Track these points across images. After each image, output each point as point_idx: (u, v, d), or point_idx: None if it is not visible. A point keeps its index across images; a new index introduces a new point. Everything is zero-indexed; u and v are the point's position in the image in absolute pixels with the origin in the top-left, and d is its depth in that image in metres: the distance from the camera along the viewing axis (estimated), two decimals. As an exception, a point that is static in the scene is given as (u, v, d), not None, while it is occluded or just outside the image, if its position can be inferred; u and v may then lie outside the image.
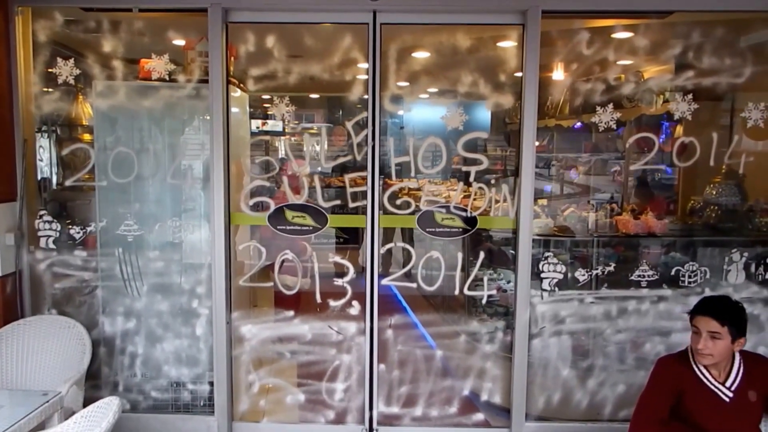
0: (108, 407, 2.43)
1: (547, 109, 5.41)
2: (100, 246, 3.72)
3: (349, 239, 4.49)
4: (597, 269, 3.77)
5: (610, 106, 3.73)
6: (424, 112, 3.89)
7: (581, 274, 3.75)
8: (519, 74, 3.62)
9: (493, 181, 3.73)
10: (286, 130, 3.86)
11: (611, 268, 3.76)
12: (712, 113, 4.05)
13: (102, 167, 3.67)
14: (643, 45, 3.77)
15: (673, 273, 3.74)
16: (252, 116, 4.22)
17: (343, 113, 4.06)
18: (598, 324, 3.82)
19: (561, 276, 3.72)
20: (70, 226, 3.71)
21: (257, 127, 4.32)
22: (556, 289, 3.74)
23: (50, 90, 3.69)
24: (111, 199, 3.70)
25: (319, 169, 3.94)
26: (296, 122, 4.60)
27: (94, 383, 3.74)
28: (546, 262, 3.72)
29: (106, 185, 3.68)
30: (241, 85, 3.93)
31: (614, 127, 3.76)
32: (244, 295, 4.09)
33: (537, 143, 6.32)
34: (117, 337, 3.77)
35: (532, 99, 3.58)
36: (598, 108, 3.70)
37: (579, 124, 5.42)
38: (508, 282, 5.19)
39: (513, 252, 4.88)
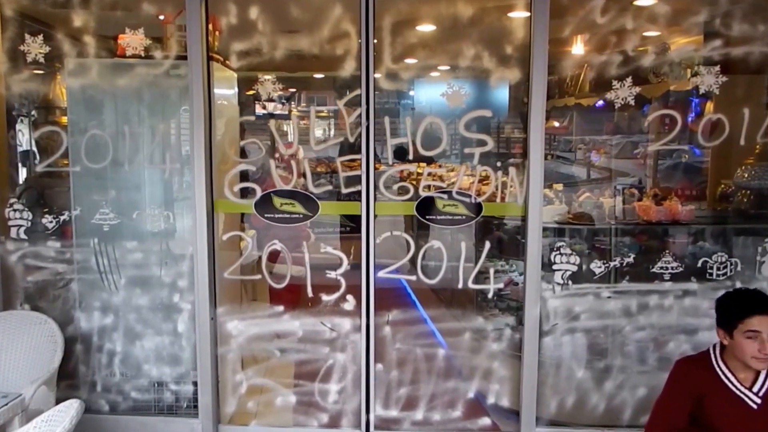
0: (67, 410, 2.34)
1: (566, 86, 5.27)
2: (74, 236, 3.63)
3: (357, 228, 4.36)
4: (615, 261, 3.59)
5: (629, 80, 3.52)
6: (422, 89, 3.73)
7: (598, 266, 3.57)
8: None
9: (499, 164, 3.55)
10: (275, 111, 3.72)
11: (631, 260, 3.57)
12: (747, 87, 3.82)
13: (76, 152, 3.56)
14: (668, 12, 3.56)
15: (700, 265, 3.55)
16: (240, 97, 4.09)
17: (335, 92, 3.92)
18: (616, 321, 3.63)
19: (575, 268, 3.55)
20: (43, 215, 3.62)
21: (246, 109, 4.17)
22: (570, 282, 3.56)
23: (19, 69, 3.59)
24: (85, 186, 3.60)
25: (312, 154, 3.81)
26: (285, 102, 4.47)
27: (70, 383, 3.67)
28: (558, 252, 3.55)
29: (80, 171, 3.58)
30: (227, 62, 3.81)
31: (637, 104, 3.58)
32: (234, 288, 3.99)
33: (557, 124, 6.16)
34: (94, 333, 3.69)
35: (541, 74, 3.39)
36: (618, 83, 3.49)
37: (601, 102, 5.31)
38: (520, 274, 5.02)
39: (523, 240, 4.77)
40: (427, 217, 3.55)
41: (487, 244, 3.65)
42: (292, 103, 3.75)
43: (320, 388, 3.74)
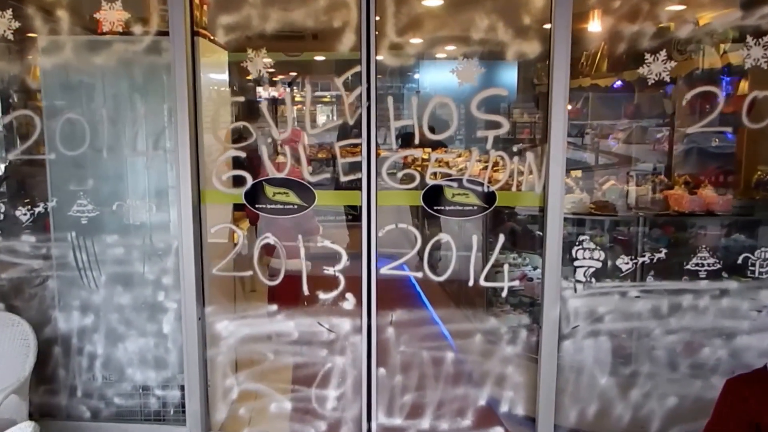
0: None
1: (581, 66, 5.01)
2: (51, 230, 3.37)
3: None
4: (644, 256, 3.26)
5: (662, 53, 3.16)
6: (429, 66, 3.38)
7: (624, 262, 3.24)
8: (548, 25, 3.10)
9: (516, 149, 3.22)
10: (268, 91, 3.41)
11: (662, 255, 3.24)
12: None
13: (50, 138, 3.29)
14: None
15: (740, 261, 3.20)
16: (231, 77, 3.78)
17: (333, 69, 3.60)
18: (644, 323, 3.31)
19: (599, 264, 3.22)
20: (17, 207, 3.36)
21: (237, 90, 3.87)
22: (593, 280, 3.24)
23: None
24: (61, 176, 3.34)
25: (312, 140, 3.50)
26: (287, 86, 4.16)
27: (49, 388, 3.45)
28: (581, 247, 3.22)
29: (56, 159, 3.30)
30: (216, 40, 3.50)
31: (661, 84, 3.18)
32: (226, 286, 3.71)
33: (569, 106, 5.85)
34: (73, 334, 3.44)
35: (563, 46, 3.06)
36: (651, 56, 3.13)
37: (619, 83, 4.95)
38: (535, 268, 4.71)
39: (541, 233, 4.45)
40: (435, 207, 3.24)
41: (501, 238, 3.32)
42: (293, 87, 3.43)
43: (318, 393, 3.47)
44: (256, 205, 3.28)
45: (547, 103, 3.10)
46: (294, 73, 4.60)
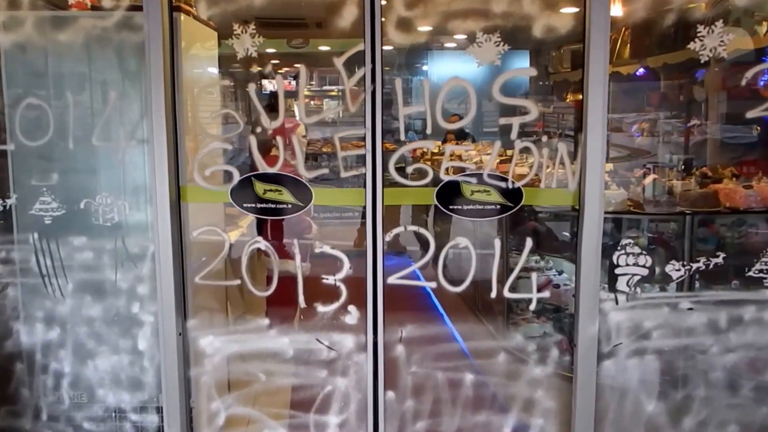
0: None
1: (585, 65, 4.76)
2: (11, 230, 2.98)
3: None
4: (698, 261, 2.79)
5: (718, 25, 2.69)
6: (444, 43, 2.94)
7: (675, 269, 2.78)
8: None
9: (545, 138, 2.78)
10: (254, 71, 2.99)
11: (719, 260, 2.77)
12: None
13: (10, 125, 2.90)
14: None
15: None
16: (222, 59, 3.37)
17: (333, 47, 3.17)
18: (699, 339, 2.86)
19: (645, 271, 2.76)
20: (-28, 205, 2.99)
21: (225, 73, 3.46)
22: (638, 290, 2.78)
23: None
24: (22, 169, 2.95)
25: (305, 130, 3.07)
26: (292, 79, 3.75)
27: (11, 409, 3.09)
28: (623, 252, 2.76)
29: (15, 150, 2.91)
30: (200, 17, 3.10)
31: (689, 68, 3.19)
32: (214, 296, 3.31)
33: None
34: (37, 350, 3.06)
35: (602, 18, 2.61)
36: (706, 29, 2.66)
37: (642, 70, 4.65)
38: (560, 273, 4.28)
39: (568, 234, 3.99)
40: (451, 207, 2.80)
41: (528, 242, 2.87)
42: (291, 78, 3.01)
43: (316, 420, 3.04)
44: (244, 205, 2.87)
45: (582, 87, 2.67)
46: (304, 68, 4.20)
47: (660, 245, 3.12)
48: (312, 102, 7.83)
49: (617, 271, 2.78)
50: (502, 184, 2.77)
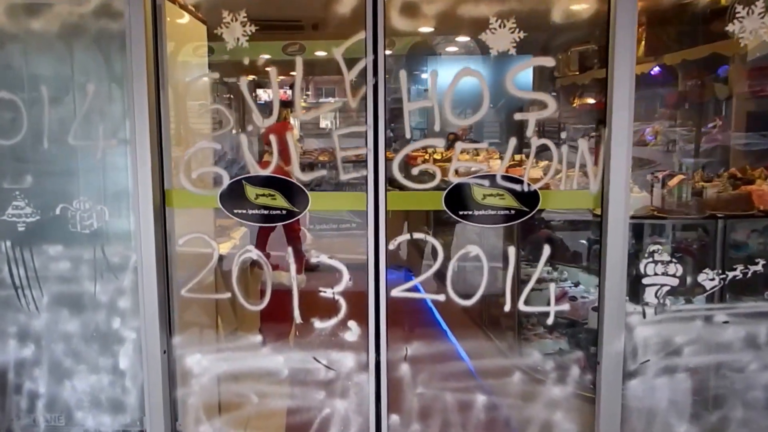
0: None
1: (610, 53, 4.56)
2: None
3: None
4: (735, 270, 2.53)
5: (758, 5, 2.45)
6: (453, 29, 2.71)
7: (708, 278, 2.53)
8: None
9: (563, 136, 2.54)
10: (246, 62, 2.75)
11: (759, 267, 2.52)
12: None
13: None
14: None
15: None
16: (212, 53, 3.14)
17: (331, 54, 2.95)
18: (734, 356, 2.61)
19: (675, 281, 2.51)
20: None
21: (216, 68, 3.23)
22: (667, 301, 2.54)
23: None
24: (-7, 171, 2.73)
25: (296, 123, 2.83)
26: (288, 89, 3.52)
27: (-18, 434, 2.82)
28: (651, 259, 2.52)
29: (-16, 150, 2.70)
30: (190, 7, 2.88)
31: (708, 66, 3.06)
32: (203, 310, 3.07)
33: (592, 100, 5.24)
34: (9, 368, 2.82)
35: (629, 7, 2.39)
36: (744, 9, 2.43)
37: (657, 69, 4.44)
38: (576, 285, 4.04)
39: (585, 242, 3.76)
40: (461, 212, 2.56)
41: (546, 250, 2.62)
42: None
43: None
44: (235, 211, 2.63)
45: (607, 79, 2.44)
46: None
47: (687, 252, 2.87)
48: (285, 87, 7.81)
49: (645, 281, 2.53)
50: (517, 187, 2.53)
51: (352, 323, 2.66)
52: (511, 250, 2.65)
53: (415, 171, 2.57)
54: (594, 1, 2.53)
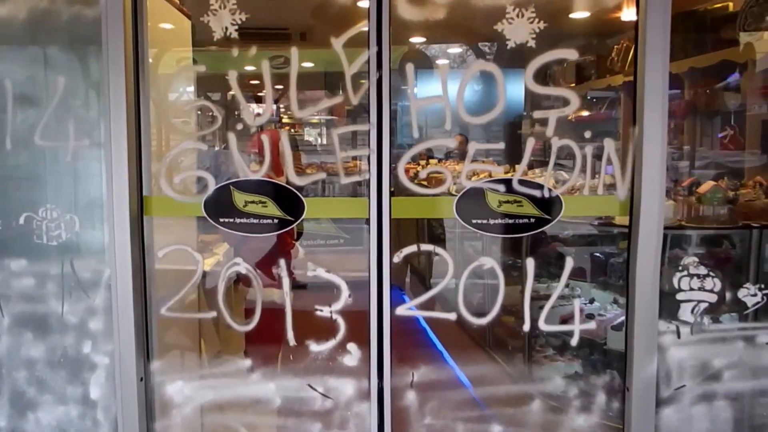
0: None
1: (611, 63, 4.51)
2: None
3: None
4: (782, 284, 2.30)
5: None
6: (465, 19, 2.47)
7: (749, 294, 2.28)
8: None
9: (588, 134, 2.30)
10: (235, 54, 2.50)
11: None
12: None
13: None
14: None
15: None
16: (197, 46, 2.90)
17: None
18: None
19: (713, 297, 2.27)
20: None
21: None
22: (705, 320, 2.28)
23: None
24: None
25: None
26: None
27: (-68, 474, 2.50)
28: (686, 273, 2.27)
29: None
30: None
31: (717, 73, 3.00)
32: (185, 331, 2.78)
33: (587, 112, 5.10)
34: (-34, 400, 2.51)
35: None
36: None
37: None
38: (590, 301, 3.79)
39: (600, 255, 3.53)
40: (474, 221, 2.30)
41: (569, 262, 2.36)
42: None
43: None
44: (221, 219, 2.36)
45: (636, 61, 2.22)
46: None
47: (720, 265, 2.63)
48: (293, 130, 7.68)
49: (679, 296, 2.28)
50: (537, 193, 2.28)
51: (351, 345, 2.39)
52: (530, 262, 2.39)
53: (423, 174, 2.32)
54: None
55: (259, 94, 2.41)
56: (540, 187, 2.28)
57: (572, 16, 2.59)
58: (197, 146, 2.43)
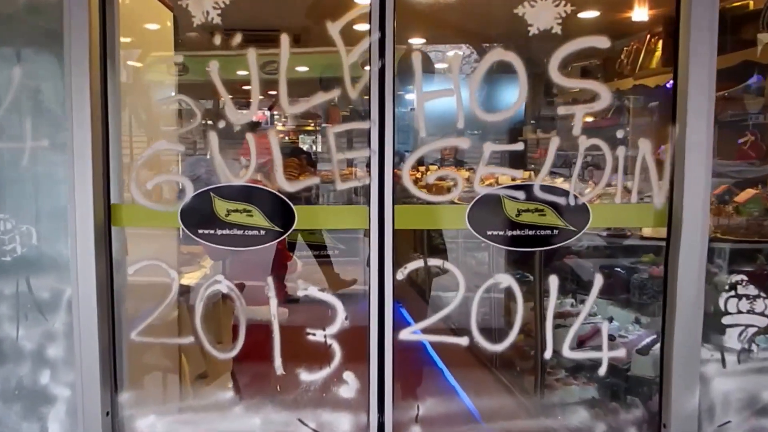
0: None
1: (620, 65, 4.30)
2: None
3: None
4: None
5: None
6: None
7: (804, 317, 2.01)
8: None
9: (620, 135, 2.04)
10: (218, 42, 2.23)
11: None
12: None
13: None
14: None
15: None
16: (177, 35, 2.62)
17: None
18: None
19: (765, 321, 1.98)
20: None
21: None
22: (754, 346, 2.00)
23: None
24: None
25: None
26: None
27: None
28: (733, 293, 1.99)
29: None
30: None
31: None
32: (161, 357, 2.48)
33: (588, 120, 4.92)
34: None
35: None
36: None
37: (672, 81, 4.10)
38: (609, 320, 3.51)
39: (623, 271, 3.26)
40: (489, 233, 2.02)
41: (599, 279, 2.08)
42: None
43: None
44: (200, 231, 2.07)
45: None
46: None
47: (760, 282, 2.35)
48: (287, 137, 7.45)
49: (725, 320, 2.00)
50: (561, 200, 2.00)
51: (348, 374, 2.10)
52: (553, 281, 2.10)
53: (431, 179, 2.04)
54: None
55: (251, 100, 2.14)
56: (565, 193, 2.01)
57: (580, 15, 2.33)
58: (173, 147, 2.15)
